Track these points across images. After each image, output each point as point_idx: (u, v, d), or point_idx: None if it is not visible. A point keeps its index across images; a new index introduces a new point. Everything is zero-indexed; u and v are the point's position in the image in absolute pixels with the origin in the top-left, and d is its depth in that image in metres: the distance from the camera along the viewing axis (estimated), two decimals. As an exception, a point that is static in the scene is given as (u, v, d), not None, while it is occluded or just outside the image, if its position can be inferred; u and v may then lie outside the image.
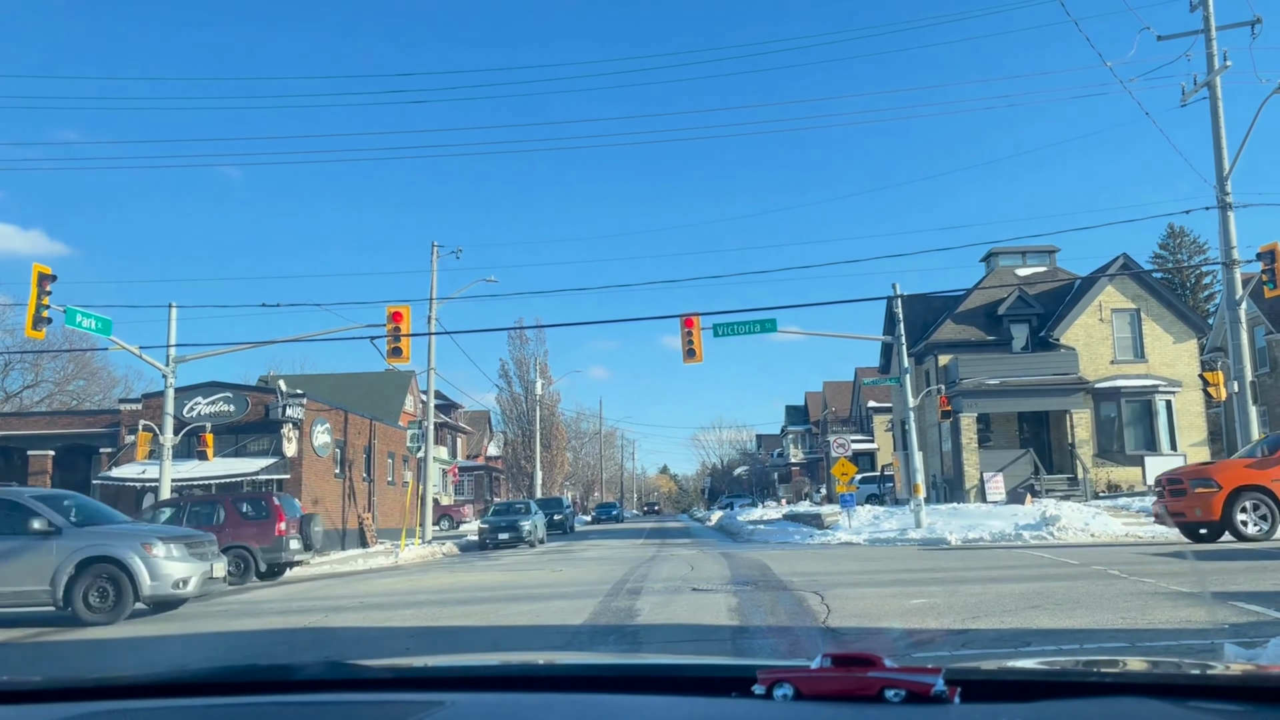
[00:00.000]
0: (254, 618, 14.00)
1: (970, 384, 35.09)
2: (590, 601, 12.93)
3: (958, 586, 13.04)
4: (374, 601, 15.23)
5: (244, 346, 31.15)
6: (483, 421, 78.86)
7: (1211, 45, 24.59)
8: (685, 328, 26.42)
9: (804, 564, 18.43)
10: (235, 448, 29.97)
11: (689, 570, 17.89)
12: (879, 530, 27.66)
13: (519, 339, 66.51)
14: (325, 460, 32.48)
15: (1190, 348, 36.31)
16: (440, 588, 17.25)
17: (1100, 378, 35.37)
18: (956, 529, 25.21)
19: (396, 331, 25.03)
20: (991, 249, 40.50)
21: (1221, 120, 24.61)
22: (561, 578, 18.04)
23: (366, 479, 37.27)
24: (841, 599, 11.99)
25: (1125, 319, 36.42)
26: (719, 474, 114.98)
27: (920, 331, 39.02)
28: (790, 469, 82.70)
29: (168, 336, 26.40)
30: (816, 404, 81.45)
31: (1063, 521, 23.89)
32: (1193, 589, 11.67)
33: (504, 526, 33.81)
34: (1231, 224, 24.40)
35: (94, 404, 55.10)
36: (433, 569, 24.44)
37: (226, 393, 30.60)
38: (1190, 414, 35.24)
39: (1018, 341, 37.87)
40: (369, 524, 36.38)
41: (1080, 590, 11.83)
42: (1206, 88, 24.66)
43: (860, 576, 15.67)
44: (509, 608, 13.11)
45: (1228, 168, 24.37)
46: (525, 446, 64.50)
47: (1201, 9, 24.73)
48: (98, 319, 23.81)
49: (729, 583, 14.90)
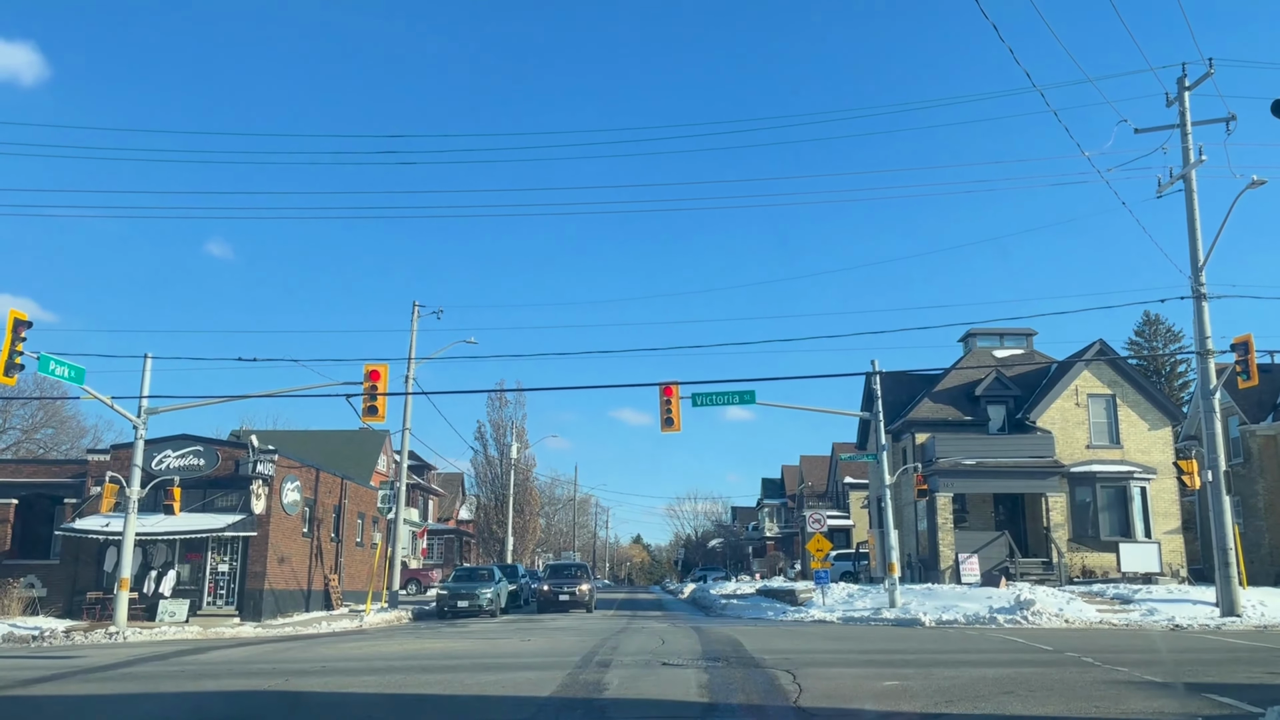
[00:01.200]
0: (214, 679, 13.64)
1: (947, 463, 35.11)
2: (558, 673, 12.68)
3: (931, 669, 12.88)
4: (337, 666, 14.88)
5: (218, 400, 30.91)
6: (456, 484, 78.10)
7: (1187, 140, 25.18)
8: (664, 396, 26.42)
9: (777, 641, 18.19)
10: (203, 502, 29.47)
11: (660, 644, 17.61)
12: (853, 608, 27.40)
13: (498, 401, 66.20)
14: (294, 518, 31.98)
15: (1165, 435, 36.54)
16: (406, 654, 16.90)
17: (1076, 462, 35.47)
18: (931, 610, 25.01)
19: (374, 390, 24.85)
20: (969, 330, 40.90)
21: (1197, 212, 25.08)
22: (530, 647, 17.72)
23: (335, 539, 36.70)
24: (814, 678, 11.81)
25: (1101, 404, 36.67)
26: (693, 545, 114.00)
27: (898, 409, 39.15)
28: (765, 543, 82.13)
29: (141, 387, 26.12)
30: (793, 478, 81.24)
31: (1037, 606, 23.77)
32: (1166, 679, 11.57)
33: (463, 594, 31.82)
34: (1206, 314, 24.72)
35: (61, 453, 54.29)
36: (398, 634, 23.97)
37: (197, 446, 30.17)
38: (1165, 501, 35.32)
39: (994, 422, 38.02)
40: (334, 585, 35.73)
41: (1054, 677, 11.70)
42: (1182, 180, 25.18)
43: (833, 655, 15.48)
44: (475, 677, 12.84)
45: (1202, 259, 24.77)
46: (498, 511, 63.85)
47: (1178, 105, 25.37)
48: (71, 367, 23.54)
49: (700, 658, 14.67)
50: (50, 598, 29.04)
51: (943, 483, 35.01)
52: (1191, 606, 24.71)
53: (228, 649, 19.49)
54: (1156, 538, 34.48)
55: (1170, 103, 25.49)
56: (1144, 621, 23.30)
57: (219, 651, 18.72)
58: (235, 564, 29.63)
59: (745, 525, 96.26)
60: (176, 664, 15.93)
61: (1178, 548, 35.13)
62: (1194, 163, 24.87)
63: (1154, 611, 24.29)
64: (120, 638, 23.12)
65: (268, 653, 18.00)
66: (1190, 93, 25.23)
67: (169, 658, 17.05)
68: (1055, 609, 23.94)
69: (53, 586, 29.34)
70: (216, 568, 29.56)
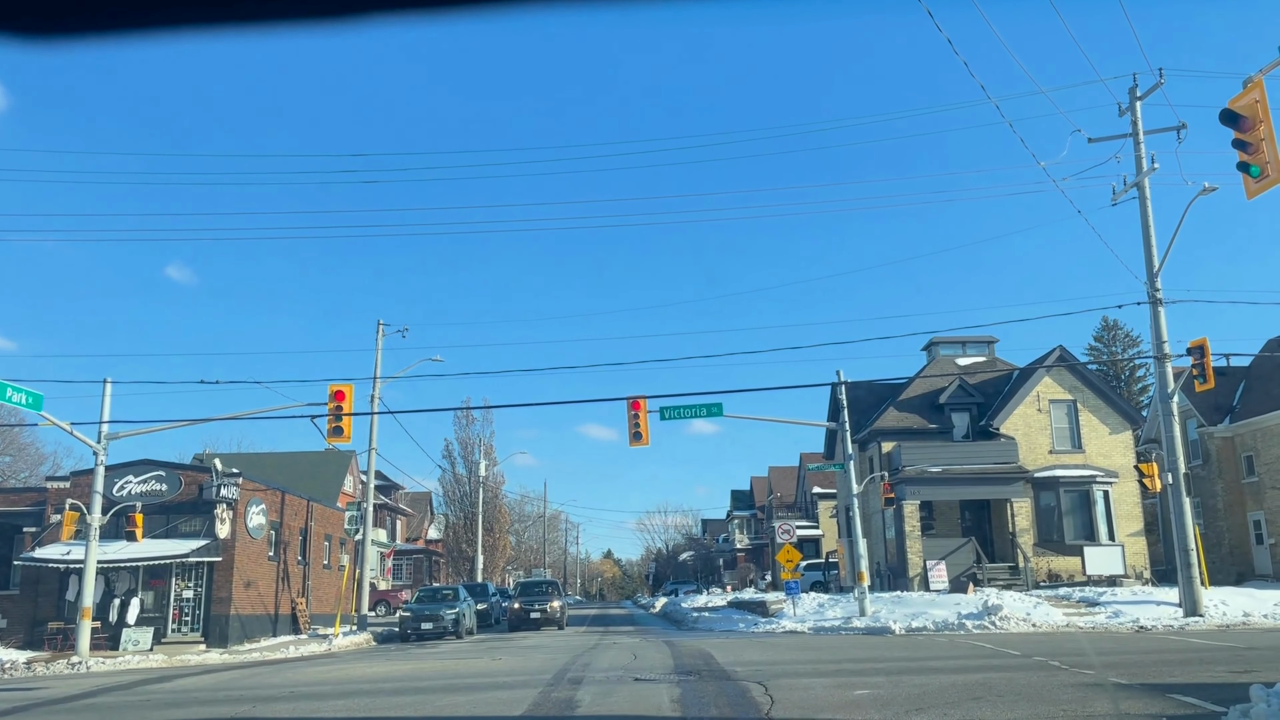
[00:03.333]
0: (179, 708, 13.44)
1: (913, 471, 35.39)
2: (530, 691, 12.62)
3: (901, 677, 12.96)
4: (306, 691, 14.72)
5: (180, 424, 30.52)
6: (424, 503, 77.51)
7: (1140, 148, 25.62)
8: (632, 410, 26.42)
9: (748, 653, 18.22)
10: (166, 528, 29.05)
11: (632, 659, 17.59)
12: (824, 618, 27.50)
13: (465, 419, 65.76)
14: (259, 542, 31.60)
15: (1126, 439, 37.04)
16: (375, 677, 16.74)
17: (1039, 467, 35.88)
18: (900, 618, 25.15)
19: (338, 410, 24.68)
20: (932, 338, 41.30)
21: (1151, 219, 25.51)
22: (501, 666, 17.63)
23: (302, 562, 36.30)
24: (785, 689, 11.84)
25: (1063, 410, 37.13)
26: (664, 559, 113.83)
27: (864, 418, 39.42)
28: (736, 554, 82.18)
29: (101, 412, 25.77)
30: (762, 489, 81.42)
31: (1005, 611, 23.97)
32: (1131, 680, 11.72)
33: (427, 615, 30.43)
34: (1162, 319, 25.14)
35: (19, 481, 53.33)
36: (367, 656, 23.74)
37: (159, 471, 29.75)
38: (1128, 504, 35.79)
39: (959, 430, 38.39)
40: (302, 609, 35.32)
41: (1022, 682, 11.82)
42: (1136, 188, 25.62)
43: (804, 666, 15.53)
44: (447, 698, 12.76)
45: (1157, 264, 25.20)
46: (467, 530, 63.41)
47: (1130, 114, 25.82)
48: (29, 394, 23.19)
49: (672, 672, 14.66)
50: (10, 629, 28.49)
51: (909, 490, 35.27)
52: (1155, 608, 25.04)
53: (193, 676, 19.22)
54: (1120, 540, 34.92)
55: (1123, 112, 25.95)
56: (1110, 624, 23.58)
57: (184, 679, 18.45)
58: (200, 590, 29.20)
59: (715, 538, 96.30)
60: (141, 693, 15.68)
61: (1141, 550, 35.57)
62: (1146, 171, 25.31)
63: (1119, 614, 24.59)
64: (83, 668, 22.72)
65: (234, 679, 17.77)
66: (1142, 102, 25.69)
67: (133, 687, 16.79)
68: (1023, 613, 24.16)
69: (12, 617, 28.78)
70: (181, 594, 29.12)
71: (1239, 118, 14.57)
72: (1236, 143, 14.84)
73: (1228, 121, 14.66)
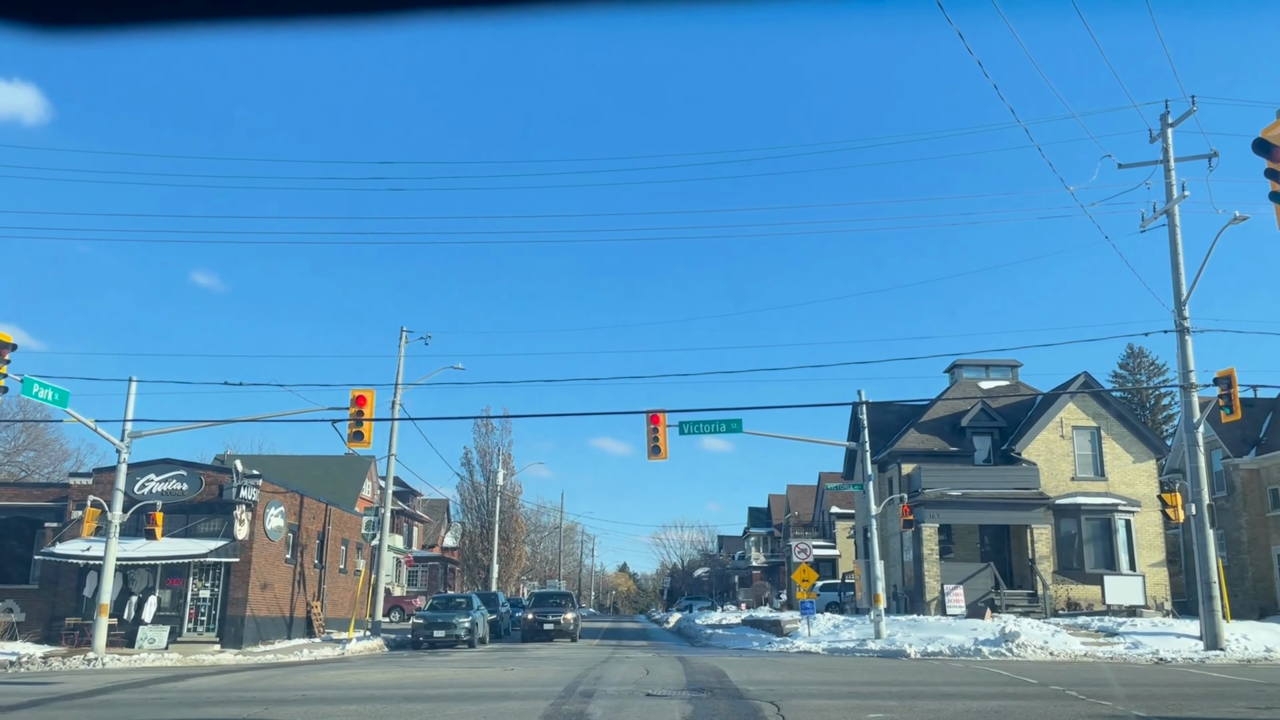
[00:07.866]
0: (191, 708, 13.49)
1: (933, 494, 35.14)
2: (541, 703, 12.58)
3: (915, 702, 12.84)
4: (318, 695, 14.74)
5: (203, 424, 30.70)
6: (441, 510, 77.63)
7: (1170, 175, 25.43)
8: (651, 424, 26.39)
9: (761, 672, 18.11)
10: (185, 528, 29.22)
11: (644, 674, 17.51)
12: (838, 639, 27.31)
13: (484, 428, 65.90)
14: (277, 544, 31.73)
15: (1149, 468, 36.67)
16: (387, 683, 16.75)
17: (1061, 494, 35.55)
18: (916, 641, 24.95)
19: (359, 415, 24.78)
20: (955, 361, 41.07)
21: (1180, 247, 25.29)
22: (513, 677, 17.59)
23: (318, 565, 36.42)
24: (797, 710, 11.75)
25: (1086, 437, 36.80)
26: (679, 574, 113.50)
27: (884, 439, 39.20)
28: (751, 572, 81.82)
29: (125, 411, 25.97)
30: (780, 506, 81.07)
31: (1022, 638, 23.74)
32: (1149, 713, 11.56)
33: (440, 623, 30.58)
34: (1189, 348, 24.88)
35: (43, 476, 53.78)
36: (380, 662, 23.76)
37: (181, 470, 29.95)
38: (1149, 534, 35.39)
39: (980, 453, 38.12)
40: (317, 613, 35.41)
41: (1038, 711, 11.68)
42: (1165, 215, 25.41)
43: (818, 687, 15.41)
44: (457, 707, 12.73)
45: (1185, 293, 24.96)
46: (483, 538, 63.45)
47: (1161, 141, 25.64)
48: (55, 390, 23.42)
49: (684, 689, 14.58)
50: (28, 623, 28.70)
51: (928, 513, 35.03)
52: (1175, 640, 24.72)
53: (207, 676, 19.29)
54: (1141, 570, 34.52)
55: (1154, 139, 25.77)
56: (1128, 655, 23.29)
57: (198, 679, 18.52)
58: (217, 590, 29.35)
59: (731, 554, 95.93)
60: (155, 691, 15.75)
61: (1162, 580, 35.16)
62: (1176, 198, 25.11)
63: (1138, 645, 24.29)
64: (99, 664, 22.86)
65: (247, 681, 17.81)
66: (1173, 129, 25.51)
67: (147, 685, 16.86)
68: (1040, 641, 23.91)
69: (31, 611, 29.00)
70: (198, 594, 29.28)
71: (1271, 147, 14.39)
72: (1269, 172, 14.67)
73: (1260, 151, 14.47)
